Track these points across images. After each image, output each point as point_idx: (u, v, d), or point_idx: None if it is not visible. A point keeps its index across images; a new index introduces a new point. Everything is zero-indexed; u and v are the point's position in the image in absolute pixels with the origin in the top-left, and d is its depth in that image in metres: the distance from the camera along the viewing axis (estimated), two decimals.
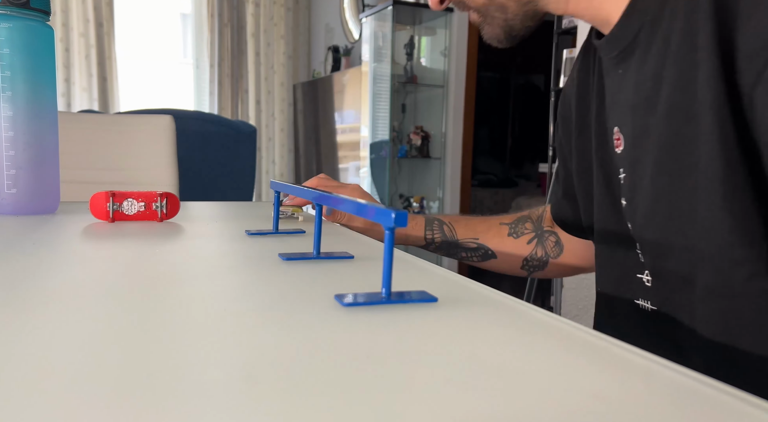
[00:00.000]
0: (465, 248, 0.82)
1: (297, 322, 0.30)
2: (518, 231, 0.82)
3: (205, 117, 2.64)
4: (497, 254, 0.81)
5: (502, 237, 0.82)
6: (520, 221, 0.83)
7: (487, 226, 0.82)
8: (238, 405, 0.20)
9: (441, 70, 3.41)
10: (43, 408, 0.20)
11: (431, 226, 0.81)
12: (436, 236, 0.81)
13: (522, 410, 0.21)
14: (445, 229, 0.81)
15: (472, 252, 0.82)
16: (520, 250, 0.81)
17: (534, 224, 0.83)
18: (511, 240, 0.82)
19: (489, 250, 0.81)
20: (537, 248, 0.81)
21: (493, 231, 0.82)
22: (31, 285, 0.37)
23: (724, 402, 0.22)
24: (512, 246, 0.81)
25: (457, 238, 0.81)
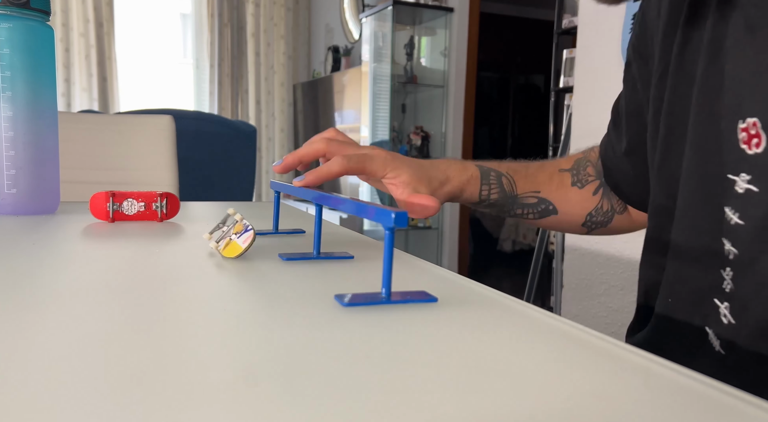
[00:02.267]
0: (523, 204, 0.68)
1: (297, 322, 0.30)
2: (582, 179, 0.68)
3: (205, 117, 2.64)
4: (559, 209, 0.68)
5: (565, 188, 0.68)
6: (580, 166, 0.69)
7: (548, 175, 0.69)
8: (238, 405, 0.20)
9: (441, 70, 3.41)
10: (43, 407, 0.20)
11: (488, 180, 0.66)
12: (493, 192, 0.66)
13: (522, 410, 0.21)
14: (504, 182, 0.67)
15: (530, 208, 0.68)
16: (585, 203, 0.69)
17: (596, 169, 0.69)
18: (575, 191, 0.68)
19: (550, 205, 0.68)
20: (603, 200, 0.68)
21: (555, 182, 0.69)
22: (31, 285, 0.37)
23: (725, 403, 0.22)
24: (577, 199, 0.69)
25: (516, 193, 0.67)
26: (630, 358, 0.27)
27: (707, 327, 0.47)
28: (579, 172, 0.69)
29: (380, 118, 3.43)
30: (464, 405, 0.21)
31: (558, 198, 0.68)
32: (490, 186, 0.66)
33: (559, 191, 0.68)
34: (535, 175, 0.69)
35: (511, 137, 6.02)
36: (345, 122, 3.92)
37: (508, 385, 0.23)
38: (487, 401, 0.22)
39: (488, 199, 0.66)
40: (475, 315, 0.33)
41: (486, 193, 0.66)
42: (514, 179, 0.67)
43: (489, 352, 0.27)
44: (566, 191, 0.68)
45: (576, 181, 0.68)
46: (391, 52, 3.33)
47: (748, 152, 0.43)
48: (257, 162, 4.14)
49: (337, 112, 4.05)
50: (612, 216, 0.69)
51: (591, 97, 1.67)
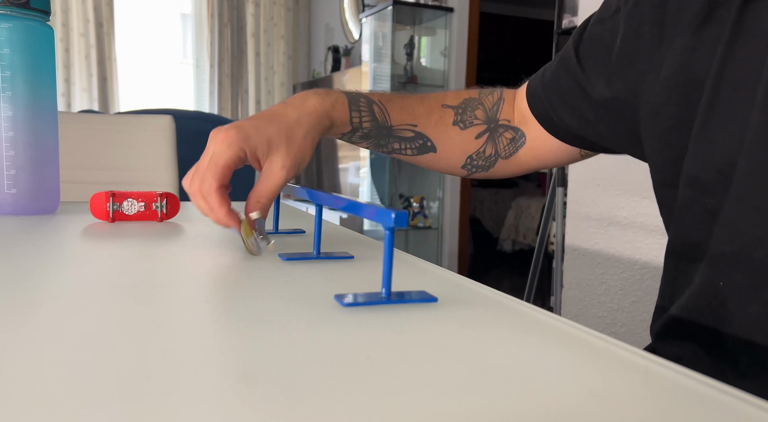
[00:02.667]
0: (399, 137, 0.63)
1: (297, 322, 0.30)
2: (466, 120, 0.65)
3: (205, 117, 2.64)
4: (437, 147, 0.65)
5: (445, 126, 0.65)
6: (468, 107, 0.66)
7: (427, 109, 0.64)
8: (238, 405, 0.20)
9: (441, 70, 3.41)
10: (43, 407, 0.20)
11: (357, 106, 0.61)
12: (365, 120, 0.61)
13: (522, 410, 0.21)
14: (375, 110, 0.62)
15: (407, 143, 0.64)
16: (466, 145, 0.65)
17: (487, 113, 0.66)
18: (456, 131, 0.65)
19: (429, 141, 0.64)
20: (487, 145, 0.65)
21: (435, 117, 0.64)
22: (31, 285, 0.37)
23: (724, 402, 0.22)
24: (457, 140, 0.65)
25: (390, 123, 0.62)
26: (630, 358, 0.27)
27: None
28: (465, 112, 0.65)
29: None
30: (464, 404, 0.21)
31: (437, 135, 0.64)
32: (360, 113, 0.61)
33: (437, 128, 0.64)
34: (412, 106, 0.64)
35: None
36: None
37: (508, 385, 0.23)
38: (487, 401, 0.22)
39: (360, 128, 0.61)
40: (475, 315, 0.33)
41: (357, 119, 0.60)
42: (386, 108, 0.62)
43: (489, 352, 0.27)
44: (446, 129, 0.65)
45: (459, 120, 0.65)
46: (391, 52, 3.33)
47: None
48: None
49: None
50: (495, 161, 0.66)
51: None
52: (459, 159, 0.66)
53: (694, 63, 0.46)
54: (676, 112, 0.47)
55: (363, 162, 3.62)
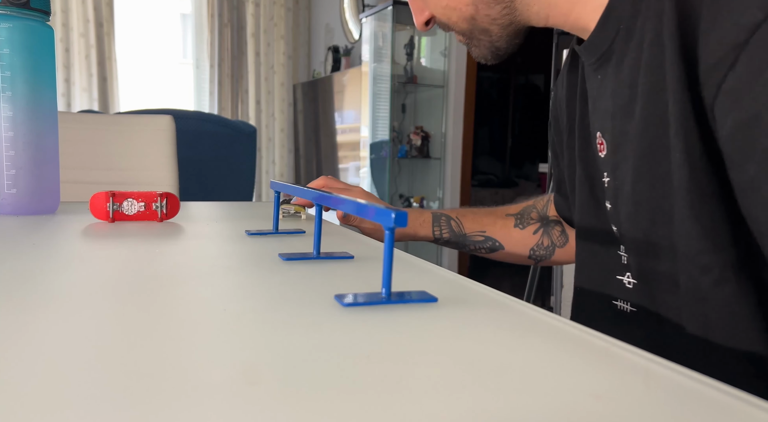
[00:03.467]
0: (473, 241, 0.84)
1: (297, 322, 0.30)
2: (524, 222, 0.84)
3: (205, 117, 2.64)
4: (505, 245, 0.84)
5: (508, 229, 0.84)
6: (525, 212, 0.85)
7: (493, 219, 0.85)
8: (238, 405, 0.20)
9: (441, 70, 3.41)
10: (43, 407, 0.20)
11: (438, 223, 0.83)
12: (444, 233, 0.83)
13: (522, 410, 0.21)
14: (452, 225, 0.83)
15: (480, 245, 0.84)
16: (527, 240, 0.84)
17: (539, 213, 0.85)
18: (517, 232, 0.84)
19: (496, 242, 0.84)
20: (543, 238, 0.83)
21: (499, 224, 0.84)
22: (31, 285, 0.37)
23: (724, 402, 0.22)
24: (519, 237, 0.84)
25: (464, 232, 0.84)
26: (630, 358, 0.27)
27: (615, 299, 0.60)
28: (523, 217, 0.85)
29: (380, 118, 3.43)
30: (464, 404, 0.21)
31: (502, 236, 0.84)
32: (441, 227, 0.84)
33: (502, 231, 0.84)
34: (481, 218, 0.85)
35: (511, 137, 6.02)
36: (345, 122, 3.92)
37: (508, 385, 0.23)
38: (487, 401, 0.22)
39: (441, 237, 0.84)
40: (475, 315, 0.33)
41: (438, 232, 0.83)
42: (461, 222, 0.84)
43: (489, 352, 0.27)
44: (509, 231, 0.84)
45: (518, 223, 0.84)
46: (391, 52, 3.33)
47: (601, 157, 0.59)
48: (257, 162, 4.14)
49: (337, 112, 4.05)
50: (553, 250, 0.83)
51: None
52: (524, 251, 0.84)
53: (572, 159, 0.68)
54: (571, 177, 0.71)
55: (363, 162, 3.62)
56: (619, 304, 0.60)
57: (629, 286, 0.58)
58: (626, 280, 0.59)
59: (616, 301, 0.60)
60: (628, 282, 0.59)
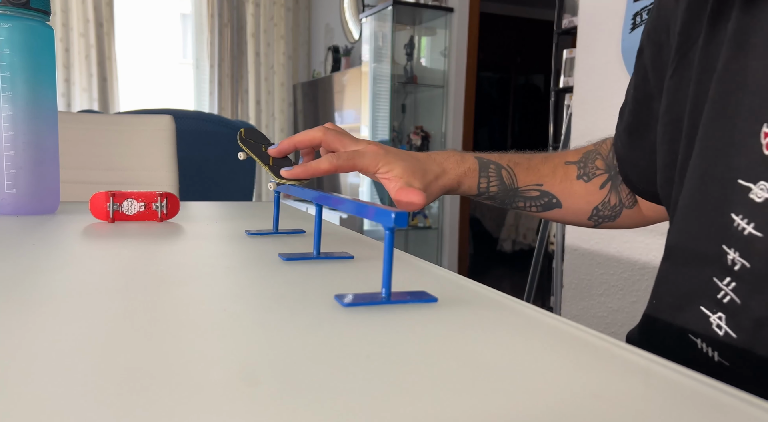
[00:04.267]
0: (524, 197, 0.67)
1: (297, 322, 0.30)
2: (589, 173, 0.67)
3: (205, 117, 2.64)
4: (563, 203, 0.67)
5: (570, 181, 0.67)
6: (588, 159, 0.68)
7: (551, 168, 0.67)
8: (238, 405, 0.20)
9: (441, 70, 3.41)
10: (43, 407, 0.20)
11: (486, 173, 0.65)
12: (492, 185, 0.65)
13: (522, 410, 0.21)
14: (503, 175, 0.65)
15: (533, 202, 0.67)
16: (591, 197, 0.67)
17: (605, 162, 0.67)
18: (581, 185, 0.67)
19: (554, 198, 0.67)
20: (610, 194, 0.67)
21: (559, 174, 0.67)
22: (31, 285, 0.37)
23: (725, 403, 0.22)
24: (582, 193, 0.67)
25: (517, 186, 0.66)
26: (630, 358, 0.27)
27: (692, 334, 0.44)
28: (586, 165, 0.67)
29: (380, 118, 3.43)
30: (464, 405, 0.21)
31: (562, 191, 0.66)
32: (489, 178, 0.64)
33: (563, 184, 0.66)
34: (537, 167, 0.67)
35: (511, 137, 6.02)
36: (345, 122, 3.92)
37: (508, 385, 0.23)
38: (487, 401, 0.22)
39: (487, 192, 0.65)
40: (475, 315, 0.33)
41: (485, 185, 0.65)
42: (514, 172, 0.65)
43: (489, 352, 0.27)
44: (571, 184, 0.67)
45: (582, 173, 0.66)
46: (391, 52, 3.33)
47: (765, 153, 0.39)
48: None
49: (337, 112, 4.05)
50: (620, 211, 0.67)
51: (591, 97, 1.67)
52: (585, 211, 0.68)
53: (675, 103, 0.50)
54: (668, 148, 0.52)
55: None
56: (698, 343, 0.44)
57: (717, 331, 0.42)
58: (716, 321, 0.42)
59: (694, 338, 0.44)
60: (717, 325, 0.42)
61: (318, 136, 0.58)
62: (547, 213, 0.68)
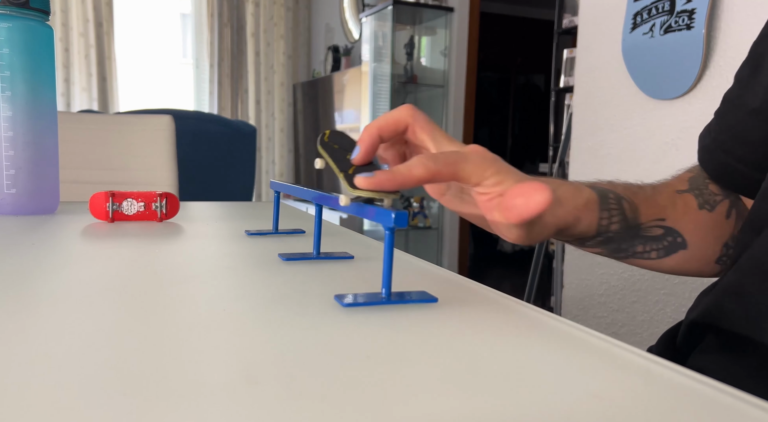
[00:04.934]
0: (646, 237, 0.52)
1: (297, 322, 0.30)
2: (709, 200, 0.53)
3: (205, 117, 2.64)
4: (689, 242, 0.52)
5: (693, 213, 0.53)
6: (700, 183, 0.54)
7: (669, 198, 0.53)
8: (238, 405, 0.20)
9: (441, 70, 3.41)
10: (43, 407, 0.20)
11: (607, 206, 0.49)
12: (614, 221, 0.49)
13: (522, 410, 0.21)
14: (625, 208, 0.50)
15: (654, 245, 0.52)
16: (719, 230, 0.53)
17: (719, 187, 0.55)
18: (705, 216, 0.53)
19: (678, 236, 0.52)
20: (738, 224, 0.53)
21: (680, 206, 0.52)
22: (31, 285, 0.37)
23: (724, 402, 0.22)
24: (709, 226, 0.53)
25: (640, 222, 0.51)
26: (630, 358, 0.27)
27: None
28: (702, 192, 0.54)
29: None
30: (464, 404, 0.21)
31: (687, 226, 0.52)
32: (610, 212, 0.49)
33: (686, 217, 0.52)
34: (654, 197, 0.52)
35: (511, 137, 6.02)
36: (345, 122, 3.91)
37: (508, 385, 0.23)
38: (487, 401, 0.22)
39: (607, 232, 0.50)
40: (475, 315, 0.33)
41: (606, 222, 0.49)
42: (635, 203, 0.51)
43: (489, 352, 0.27)
44: (695, 216, 0.53)
45: (703, 202, 0.53)
46: (391, 52, 3.33)
47: None
48: (257, 162, 4.14)
49: (337, 111, 4.05)
50: None
51: (591, 97, 1.67)
52: (714, 251, 0.54)
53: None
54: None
55: None
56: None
57: None
58: None
59: None
60: None
61: (405, 116, 0.42)
62: (668, 260, 0.53)
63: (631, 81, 1.52)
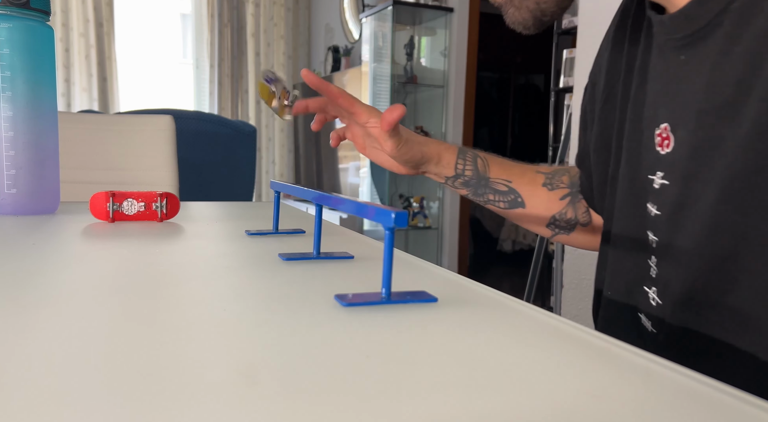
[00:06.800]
0: (494, 189, 0.73)
1: (297, 322, 0.30)
2: (554, 183, 0.73)
3: (205, 117, 2.64)
4: (527, 204, 0.73)
5: (535, 186, 0.73)
6: (557, 173, 0.75)
7: (521, 170, 0.74)
8: (238, 405, 0.20)
9: (441, 70, 3.41)
10: (44, 407, 0.20)
11: (464, 156, 0.72)
12: (468, 168, 0.72)
13: (522, 410, 0.21)
14: (478, 163, 0.72)
15: (501, 196, 0.73)
16: (552, 204, 0.73)
17: (571, 180, 0.74)
18: (544, 192, 0.73)
19: (519, 197, 0.73)
20: (568, 208, 0.73)
21: (527, 177, 0.73)
22: (31, 285, 0.37)
23: (724, 402, 0.22)
24: (544, 199, 0.73)
25: (488, 176, 0.73)
26: (630, 358, 0.27)
27: (639, 312, 0.54)
28: (554, 178, 0.74)
29: None
30: (464, 405, 0.21)
31: (527, 192, 0.73)
32: (465, 161, 0.72)
33: (528, 187, 0.73)
34: (510, 167, 0.74)
35: (511, 137, 6.02)
36: None
37: (507, 385, 0.23)
38: (487, 401, 0.22)
39: (462, 175, 0.72)
40: (475, 315, 0.33)
41: (461, 166, 0.72)
42: (488, 163, 0.73)
43: (489, 352, 0.27)
44: (536, 188, 0.73)
45: (547, 182, 0.73)
46: (391, 52, 3.33)
47: (661, 153, 0.50)
48: (257, 162, 4.14)
49: None
50: (574, 225, 0.74)
51: None
52: (544, 217, 0.74)
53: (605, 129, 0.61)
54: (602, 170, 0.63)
55: (363, 162, 3.62)
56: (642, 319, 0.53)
57: (652, 303, 0.51)
58: (652, 295, 0.52)
59: (640, 314, 0.54)
60: (652, 299, 0.51)
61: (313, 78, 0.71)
62: (511, 211, 0.74)
63: None
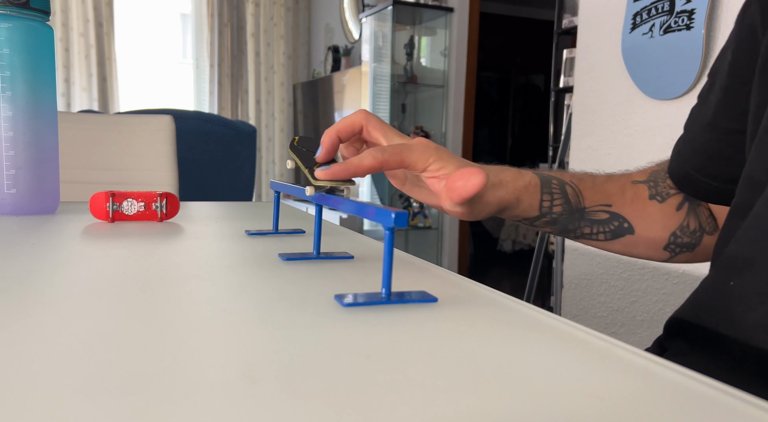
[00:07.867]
0: (590, 220, 0.57)
1: (297, 322, 0.30)
2: (662, 193, 0.58)
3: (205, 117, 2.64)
4: (636, 228, 0.57)
5: (642, 202, 0.58)
6: (658, 178, 0.59)
7: (618, 187, 0.58)
8: (238, 405, 0.20)
9: (441, 70, 3.41)
10: (43, 408, 0.20)
11: (549, 189, 0.55)
12: (556, 204, 0.55)
13: (521, 410, 0.21)
14: (568, 192, 0.56)
15: (600, 227, 0.57)
16: (668, 221, 0.58)
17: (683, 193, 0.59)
18: (654, 206, 0.58)
19: (625, 222, 0.57)
20: (689, 217, 0.58)
21: (629, 194, 0.58)
22: (31, 285, 0.37)
23: (725, 403, 0.22)
24: (658, 216, 0.57)
25: (584, 206, 0.56)
26: (630, 358, 0.27)
27: None
28: (657, 184, 0.58)
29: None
30: (464, 405, 0.21)
31: (634, 213, 0.57)
32: (552, 195, 0.55)
33: (634, 205, 0.57)
34: (604, 185, 0.58)
35: (511, 137, 6.02)
36: None
37: (508, 385, 0.23)
38: (487, 401, 0.22)
39: (550, 213, 0.55)
40: (475, 315, 0.33)
41: (548, 204, 0.54)
42: (579, 189, 0.56)
43: (489, 352, 0.27)
44: (644, 205, 0.58)
45: (655, 193, 0.58)
46: (391, 52, 3.33)
47: None
48: (257, 162, 4.14)
49: (337, 112, 4.05)
50: (701, 238, 0.58)
51: (591, 97, 1.67)
52: (661, 238, 0.58)
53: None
54: None
55: None
56: None
57: None
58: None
59: None
60: None
61: (359, 119, 0.50)
62: (616, 242, 0.59)
63: (630, 81, 1.52)
